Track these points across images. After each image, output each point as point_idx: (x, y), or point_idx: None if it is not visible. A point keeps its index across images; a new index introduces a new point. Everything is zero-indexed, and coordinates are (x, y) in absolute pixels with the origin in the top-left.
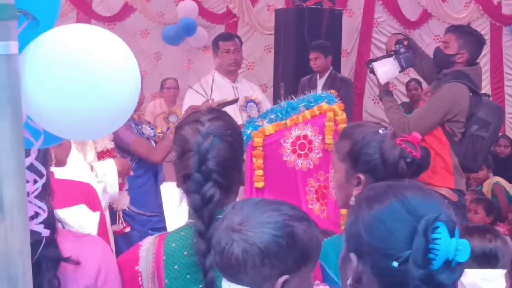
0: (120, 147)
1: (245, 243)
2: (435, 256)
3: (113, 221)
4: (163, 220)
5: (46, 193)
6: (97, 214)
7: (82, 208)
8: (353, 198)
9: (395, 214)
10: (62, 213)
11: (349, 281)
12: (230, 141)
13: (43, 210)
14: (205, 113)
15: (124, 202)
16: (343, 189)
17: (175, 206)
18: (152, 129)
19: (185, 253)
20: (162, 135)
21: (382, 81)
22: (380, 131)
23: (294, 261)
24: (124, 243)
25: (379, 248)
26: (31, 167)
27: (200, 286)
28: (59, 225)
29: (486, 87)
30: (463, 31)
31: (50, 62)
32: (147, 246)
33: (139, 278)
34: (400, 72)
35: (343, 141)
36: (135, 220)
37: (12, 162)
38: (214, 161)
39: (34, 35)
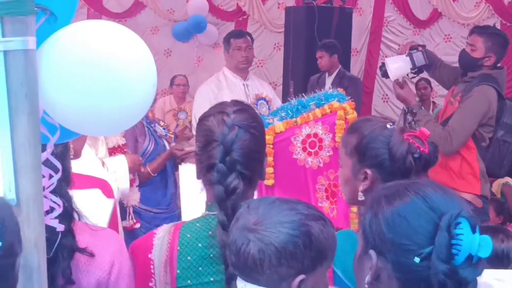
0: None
1: (262, 243)
2: (457, 252)
3: (123, 217)
4: (170, 218)
5: (67, 182)
6: (111, 201)
7: (96, 193)
8: (360, 193)
9: (417, 210)
10: (76, 194)
11: (367, 279)
12: (255, 133)
13: (58, 205)
14: (230, 104)
15: (135, 198)
16: (350, 184)
17: (192, 188)
18: (164, 129)
19: (200, 245)
20: (173, 136)
21: (393, 77)
22: (388, 126)
23: (311, 260)
24: (130, 240)
25: (401, 244)
26: (46, 162)
27: (211, 279)
28: (76, 216)
29: None
30: (489, 33)
31: (68, 57)
32: (162, 234)
33: (151, 266)
34: (412, 71)
35: (351, 136)
36: (141, 217)
37: (29, 157)
38: (239, 152)
39: (51, 31)
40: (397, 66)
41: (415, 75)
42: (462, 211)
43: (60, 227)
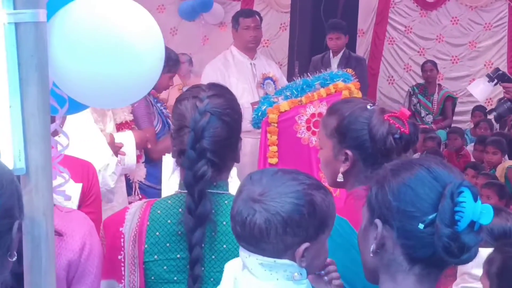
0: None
1: (268, 213)
2: (460, 218)
3: (129, 193)
4: None
5: None
6: (78, 185)
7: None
8: (340, 175)
9: (422, 180)
10: None
11: (372, 248)
12: (228, 120)
13: (66, 176)
14: (205, 89)
15: (141, 174)
16: (331, 166)
17: (171, 176)
18: (165, 109)
19: (169, 221)
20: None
21: (481, 100)
22: (368, 106)
23: (314, 228)
24: None
25: (406, 211)
26: (55, 133)
27: (178, 255)
28: None
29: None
30: None
31: (77, 30)
32: (134, 209)
33: (122, 239)
34: (494, 85)
35: (331, 117)
36: (146, 193)
37: (38, 127)
38: (209, 140)
39: (62, 3)
40: (479, 89)
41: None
42: (464, 181)
43: (67, 197)
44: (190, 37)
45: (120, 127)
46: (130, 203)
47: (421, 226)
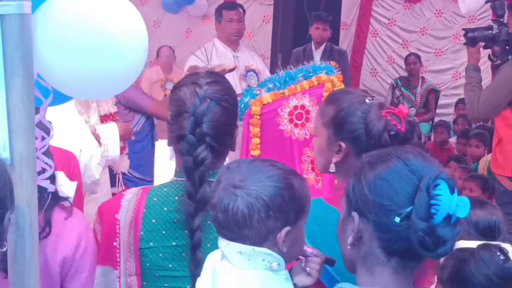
0: (135, 110)
1: (250, 197)
2: (436, 211)
3: (113, 184)
4: None
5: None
6: (74, 184)
7: (60, 175)
8: (332, 165)
9: (398, 173)
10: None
11: (350, 240)
12: (227, 106)
13: (50, 167)
14: (204, 76)
15: (124, 165)
16: (323, 154)
17: (165, 163)
18: None
19: (165, 209)
20: None
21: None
22: (367, 100)
23: (294, 212)
24: None
25: (382, 204)
26: (39, 125)
27: (174, 243)
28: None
29: None
30: None
31: (62, 22)
32: (129, 196)
33: (117, 226)
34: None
35: (329, 106)
36: (137, 185)
37: (23, 118)
38: (209, 124)
39: None
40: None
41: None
42: (441, 174)
43: (52, 188)
44: (173, 30)
45: (104, 119)
46: (113, 194)
47: (397, 219)
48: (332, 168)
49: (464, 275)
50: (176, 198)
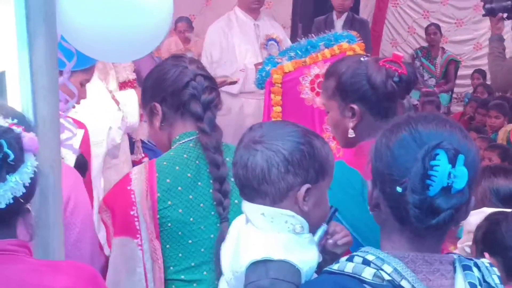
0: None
1: (270, 151)
2: (432, 182)
3: (131, 151)
4: None
5: None
6: (81, 131)
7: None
8: (350, 131)
9: (402, 142)
10: None
11: (369, 207)
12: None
13: (73, 130)
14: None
15: (143, 132)
16: (340, 125)
17: None
18: None
19: (177, 167)
20: None
21: None
22: (362, 59)
23: (314, 171)
24: None
25: (385, 174)
26: (63, 87)
27: (191, 196)
28: None
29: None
30: None
31: None
32: (137, 169)
33: (132, 196)
34: None
35: (329, 79)
36: (156, 154)
37: (46, 79)
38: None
39: None
40: None
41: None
42: (442, 143)
43: (76, 151)
44: None
45: (123, 85)
46: (133, 161)
47: (399, 189)
48: (351, 134)
49: (495, 236)
50: (185, 156)
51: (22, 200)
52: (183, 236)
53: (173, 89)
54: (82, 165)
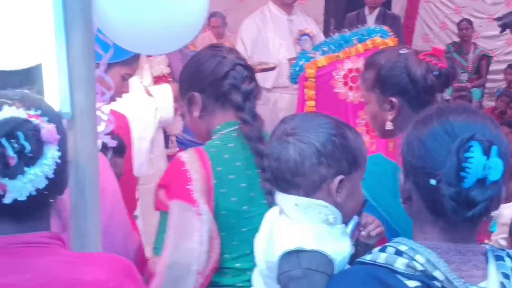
0: None
1: (302, 143)
2: (466, 175)
3: (166, 145)
4: None
5: None
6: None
7: None
8: (388, 123)
9: (434, 135)
10: None
11: (401, 199)
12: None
13: (111, 121)
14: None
15: (178, 126)
16: (378, 117)
17: None
18: None
19: (226, 156)
20: None
21: None
22: (401, 51)
23: (347, 162)
24: None
25: (418, 167)
26: (100, 79)
27: (242, 184)
28: None
29: None
30: None
31: None
32: (186, 154)
33: (187, 173)
34: None
35: (368, 71)
36: (186, 147)
37: (83, 71)
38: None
39: None
40: None
41: None
42: (475, 134)
43: (112, 143)
44: None
45: (157, 80)
46: (168, 155)
47: (433, 182)
48: (389, 126)
49: None
50: (231, 145)
51: (46, 192)
52: (236, 224)
53: (213, 79)
54: (119, 145)
